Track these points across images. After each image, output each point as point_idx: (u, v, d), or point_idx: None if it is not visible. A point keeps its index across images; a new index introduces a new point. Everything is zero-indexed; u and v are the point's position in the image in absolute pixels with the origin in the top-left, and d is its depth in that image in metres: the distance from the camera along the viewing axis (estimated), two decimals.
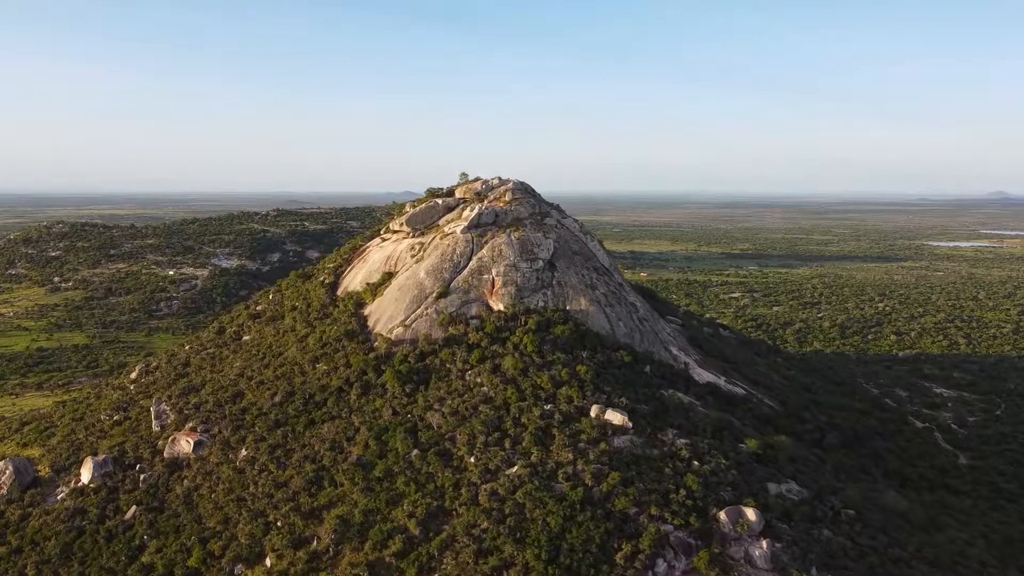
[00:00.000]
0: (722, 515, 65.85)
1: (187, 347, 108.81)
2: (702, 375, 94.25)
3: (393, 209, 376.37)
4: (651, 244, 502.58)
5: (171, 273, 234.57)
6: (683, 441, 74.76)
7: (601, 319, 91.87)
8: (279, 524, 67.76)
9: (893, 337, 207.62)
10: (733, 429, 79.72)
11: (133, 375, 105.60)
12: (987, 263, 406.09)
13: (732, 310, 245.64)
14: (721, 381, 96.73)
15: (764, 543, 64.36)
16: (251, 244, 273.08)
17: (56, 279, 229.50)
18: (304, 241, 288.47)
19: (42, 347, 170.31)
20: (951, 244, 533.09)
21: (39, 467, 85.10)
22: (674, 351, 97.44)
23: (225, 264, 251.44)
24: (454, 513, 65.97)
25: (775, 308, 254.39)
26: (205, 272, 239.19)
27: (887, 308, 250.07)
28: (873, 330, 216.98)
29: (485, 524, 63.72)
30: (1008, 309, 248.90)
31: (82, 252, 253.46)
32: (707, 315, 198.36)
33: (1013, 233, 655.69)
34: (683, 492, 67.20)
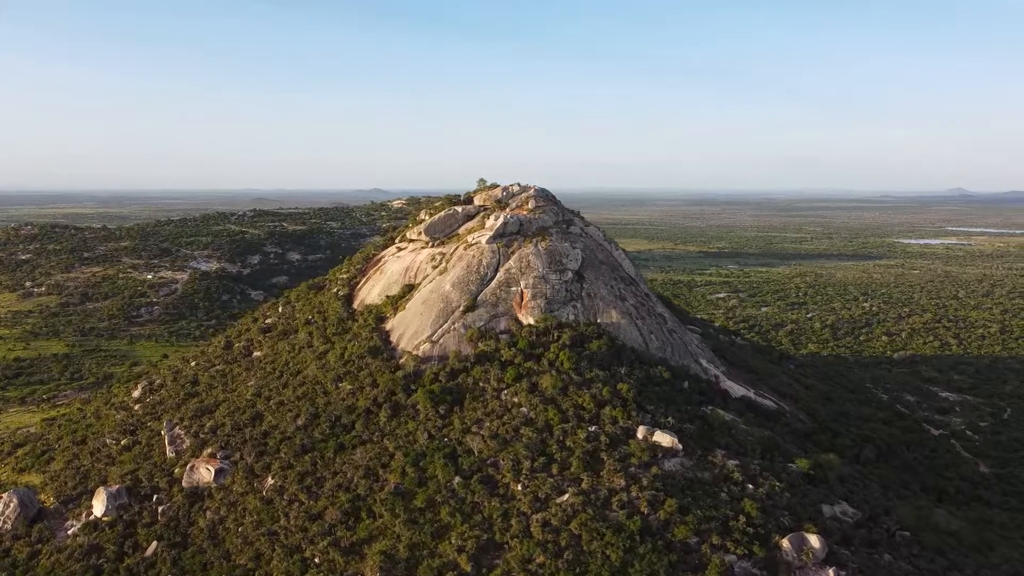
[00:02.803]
0: (785, 543, 62.93)
1: (193, 363, 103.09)
2: (735, 389, 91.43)
3: (375, 209, 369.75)
4: (628, 243, 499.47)
5: (149, 277, 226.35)
6: (733, 463, 71.80)
7: (633, 332, 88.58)
8: (317, 561, 63.34)
9: (885, 338, 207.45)
10: (781, 448, 76.98)
11: (136, 393, 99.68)
12: (960, 261, 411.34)
13: (722, 311, 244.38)
14: (751, 394, 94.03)
15: (830, 572, 61.60)
16: (230, 246, 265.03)
17: (28, 284, 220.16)
18: (284, 243, 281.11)
19: (20, 357, 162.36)
20: (921, 242, 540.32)
21: (41, 496, 79.51)
22: (704, 363, 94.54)
23: (204, 267, 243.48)
24: (506, 546, 62.14)
25: (763, 309, 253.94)
26: (184, 275, 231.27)
27: (873, 308, 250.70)
28: (863, 331, 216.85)
29: (541, 558, 60.07)
30: (990, 308, 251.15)
31: (54, 255, 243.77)
32: (698, 317, 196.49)
33: (978, 230, 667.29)
34: (742, 519, 64.16)
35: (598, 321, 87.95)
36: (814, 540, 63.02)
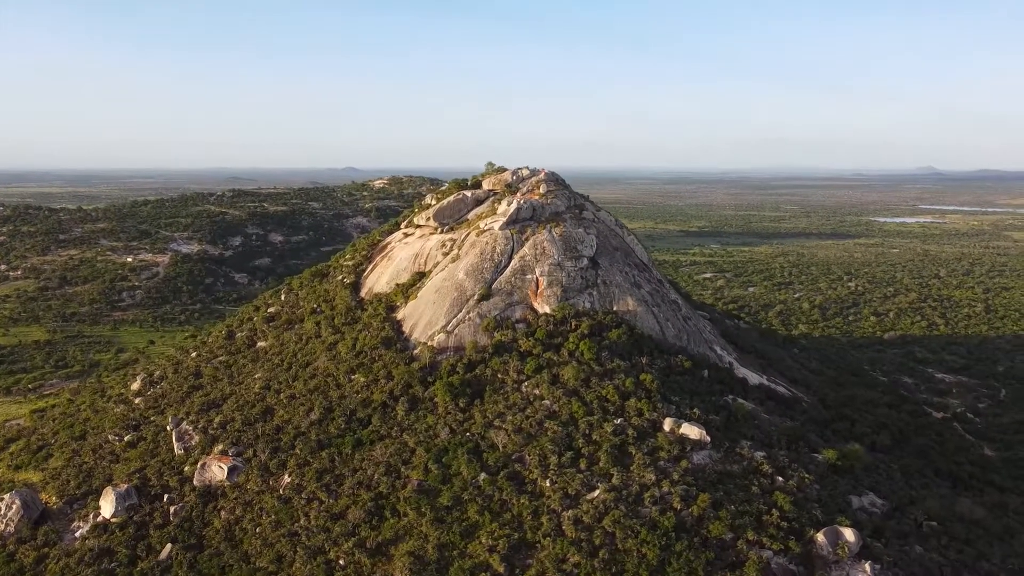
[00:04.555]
0: (820, 537, 61.75)
1: (193, 354, 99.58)
2: (750, 376, 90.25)
3: (356, 189, 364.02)
4: None
5: (129, 260, 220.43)
6: (760, 454, 70.45)
7: (650, 320, 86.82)
8: (341, 563, 61.10)
9: (873, 318, 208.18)
10: (807, 439, 75.85)
11: (135, 386, 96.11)
12: (937, 239, 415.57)
13: (710, 292, 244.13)
14: (765, 381, 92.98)
15: (867, 566, 60.53)
16: (210, 227, 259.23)
17: (3, 267, 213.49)
18: (266, 224, 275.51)
19: None
20: (897, 220, 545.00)
21: (43, 496, 76.20)
22: (718, 350, 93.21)
23: (185, 249, 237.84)
24: (538, 545, 60.37)
25: (751, 289, 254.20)
26: (165, 258, 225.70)
27: (859, 288, 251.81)
28: (851, 311, 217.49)
29: (576, 558, 58.36)
30: (972, 287, 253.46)
31: (28, 238, 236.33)
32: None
33: (951, 208, 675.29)
34: (776, 513, 62.88)
35: (614, 309, 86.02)
36: (848, 534, 61.94)
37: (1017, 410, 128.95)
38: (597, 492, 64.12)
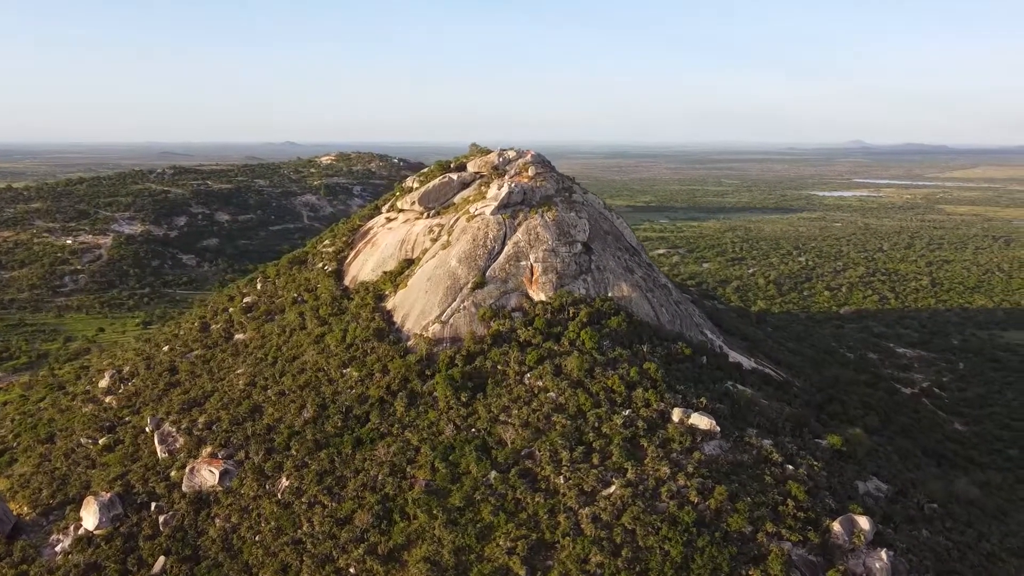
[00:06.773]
0: (836, 526, 61.41)
1: (166, 347, 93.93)
2: (742, 360, 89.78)
3: (303, 166, 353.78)
4: None
5: (69, 242, 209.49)
6: (768, 442, 69.73)
7: (645, 306, 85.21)
8: (352, 571, 58.23)
9: (827, 293, 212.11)
10: (810, 425, 75.60)
11: (104, 383, 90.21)
12: (875, 213, 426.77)
13: (667, 269, 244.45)
14: (755, 364, 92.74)
15: (883, 554, 60.38)
16: (153, 207, 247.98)
17: None
18: (211, 203, 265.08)
19: None
20: (835, 194, 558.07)
21: (12, 506, 70.91)
22: (709, 334, 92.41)
23: (128, 230, 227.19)
24: (557, 546, 58.49)
25: (705, 265, 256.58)
26: (107, 240, 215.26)
27: (809, 263, 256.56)
28: (805, 286, 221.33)
29: (598, 557, 56.68)
30: (915, 260, 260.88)
31: None
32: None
33: (884, 182, 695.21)
34: (791, 503, 62.29)
35: (610, 296, 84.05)
36: (863, 522, 61.72)
37: (979, 384, 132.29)
38: (613, 488, 62.48)
